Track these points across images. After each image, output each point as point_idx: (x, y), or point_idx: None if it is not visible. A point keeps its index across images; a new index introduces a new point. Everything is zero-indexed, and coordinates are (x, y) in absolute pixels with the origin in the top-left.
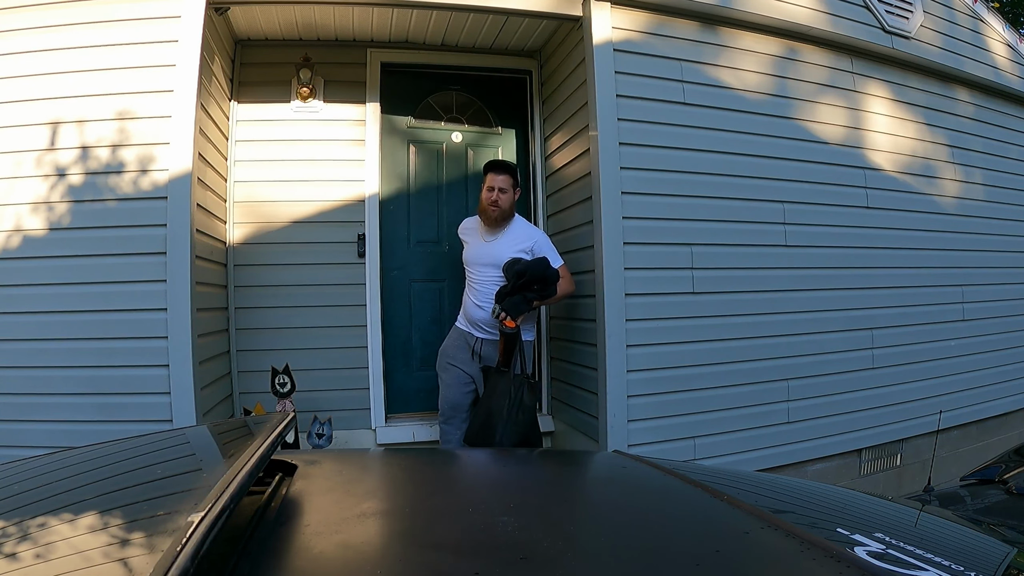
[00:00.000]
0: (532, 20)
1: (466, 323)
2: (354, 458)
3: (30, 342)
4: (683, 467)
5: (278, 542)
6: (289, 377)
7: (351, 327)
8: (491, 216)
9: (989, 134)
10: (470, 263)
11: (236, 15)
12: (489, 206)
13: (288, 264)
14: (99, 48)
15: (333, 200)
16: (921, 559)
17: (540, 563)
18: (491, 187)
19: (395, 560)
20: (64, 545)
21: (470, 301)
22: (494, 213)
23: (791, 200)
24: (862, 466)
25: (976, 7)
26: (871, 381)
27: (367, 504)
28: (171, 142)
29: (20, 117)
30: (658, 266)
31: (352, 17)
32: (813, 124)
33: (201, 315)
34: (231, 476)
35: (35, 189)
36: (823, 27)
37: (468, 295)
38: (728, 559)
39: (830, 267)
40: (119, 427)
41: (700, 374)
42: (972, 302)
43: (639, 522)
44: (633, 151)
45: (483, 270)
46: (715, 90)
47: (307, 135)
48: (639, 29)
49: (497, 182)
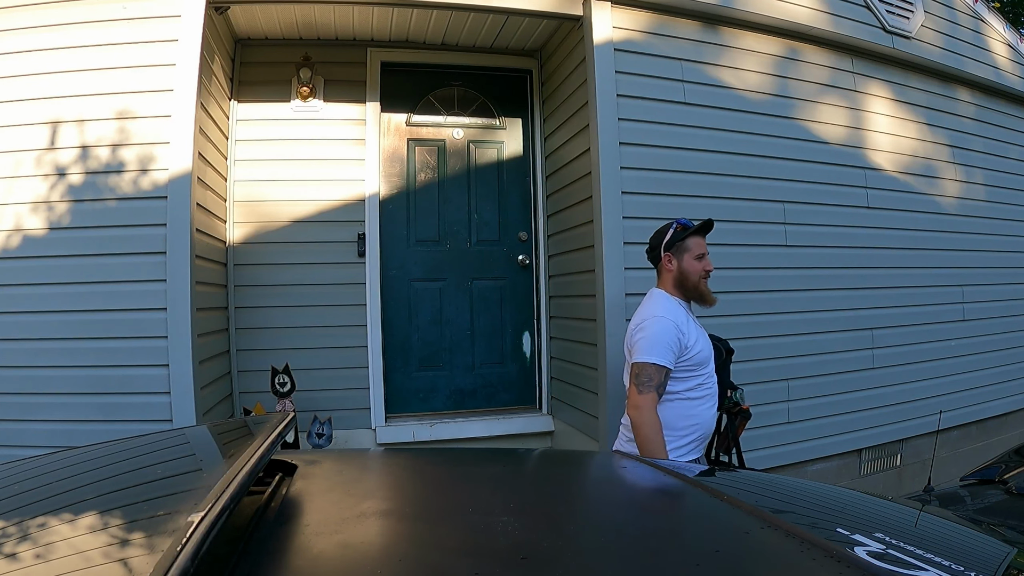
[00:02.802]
0: (532, 20)
1: (702, 443)
2: (354, 458)
3: (30, 342)
4: (683, 467)
5: (278, 542)
6: (289, 377)
7: (351, 327)
8: (707, 291)
9: (990, 134)
10: (707, 360)
11: (236, 14)
12: (705, 278)
13: (288, 263)
14: (99, 47)
15: (333, 199)
16: (921, 559)
17: (540, 563)
18: (702, 253)
19: (395, 560)
20: (64, 545)
21: (709, 413)
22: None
23: (792, 200)
24: (862, 466)
25: (977, 7)
26: (871, 381)
27: (367, 504)
28: (171, 141)
29: (20, 117)
30: None
31: (352, 16)
32: (814, 124)
33: (201, 315)
34: (231, 476)
35: (35, 189)
36: (824, 27)
37: (704, 406)
38: (728, 559)
39: (830, 267)
40: (119, 427)
41: None
42: (972, 302)
43: (639, 522)
44: (633, 151)
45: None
46: (716, 90)
47: (307, 134)
48: (640, 29)
49: (705, 246)
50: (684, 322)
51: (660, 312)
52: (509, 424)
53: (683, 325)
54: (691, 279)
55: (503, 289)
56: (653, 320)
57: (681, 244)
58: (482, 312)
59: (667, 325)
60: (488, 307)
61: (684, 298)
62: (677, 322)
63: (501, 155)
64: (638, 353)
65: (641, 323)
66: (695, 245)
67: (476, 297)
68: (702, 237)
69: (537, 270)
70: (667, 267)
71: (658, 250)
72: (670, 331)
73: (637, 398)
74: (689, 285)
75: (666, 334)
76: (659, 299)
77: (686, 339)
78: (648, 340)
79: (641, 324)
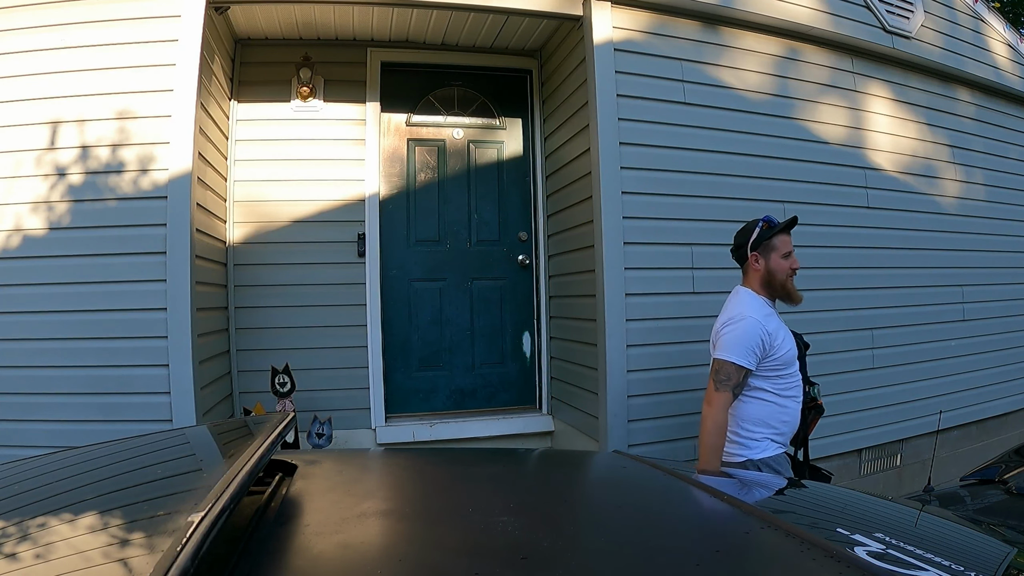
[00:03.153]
0: (532, 20)
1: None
2: (354, 458)
3: (30, 342)
4: (683, 467)
5: (278, 542)
6: (289, 377)
7: (351, 327)
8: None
9: (990, 134)
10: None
11: (236, 14)
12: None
13: (288, 263)
14: (99, 47)
15: (333, 199)
16: (921, 559)
17: (540, 563)
18: (789, 251)
19: (395, 560)
20: (64, 545)
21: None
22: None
23: (792, 200)
24: (862, 466)
25: (977, 7)
26: (871, 381)
27: (367, 504)
28: (171, 141)
29: (20, 117)
30: (658, 266)
31: (352, 16)
32: (814, 124)
33: (201, 315)
34: (231, 476)
35: (35, 189)
36: (824, 27)
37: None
38: (728, 559)
39: (830, 267)
40: (119, 427)
41: (700, 374)
42: (972, 302)
43: (639, 522)
44: (633, 151)
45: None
46: (716, 90)
47: (307, 134)
48: (640, 29)
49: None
50: (771, 323)
51: (749, 312)
52: (509, 424)
53: (770, 326)
54: (778, 278)
55: (503, 289)
56: (741, 320)
57: (768, 243)
58: (482, 312)
59: (754, 326)
60: (488, 307)
61: (769, 296)
62: (764, 323)
63: (501, 155)
64: (722, 349)
65: (729, 321)
66: (781, 243)
67: (476, 297)
68: (788, 234)
69: (537, 270)
70: (754, 266)
71: (744, 249)
72: (756, 332)
73: (712, 394)
74: (776, 284)
75: (751, 335)
76: (747, 298)
77: (772, 339)
78: (733, 338)
79: (729, 322)
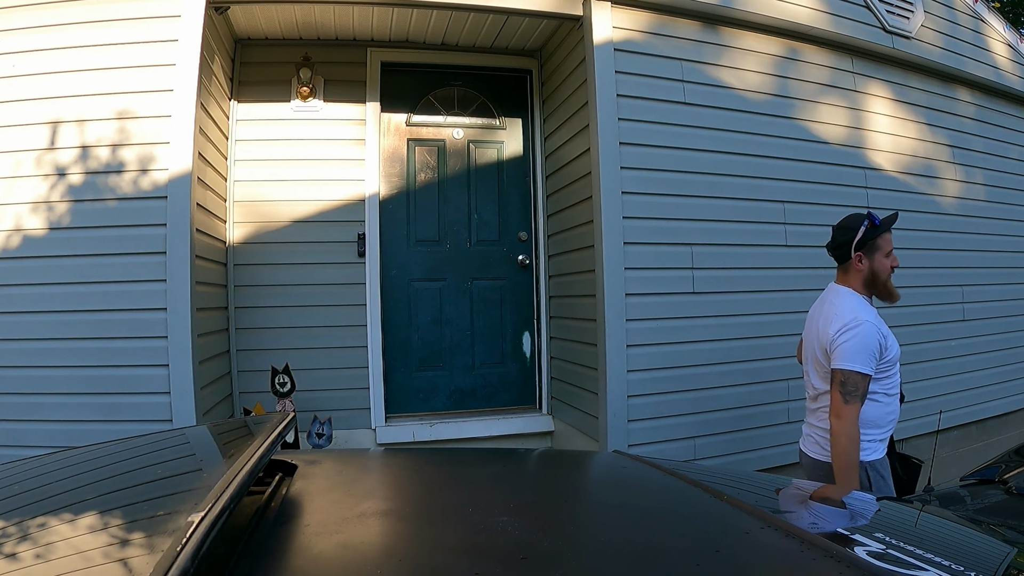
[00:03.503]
0: (532, 20)
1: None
2: (354, 458)
3: (30, 342)
4: (683, 467)
5: (278, 542)
6: (289, 377)
7: (351, 327)
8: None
9: (990, 134)
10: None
11: (236, 14)
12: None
13: (288, 263)
14: (99, 47)
15: (333, 199)
16: (921, 559)
17: (540, 563)
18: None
19: (395, 560)
20: (64, 545)
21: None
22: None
23: (792, 200)
24: None
25: (977, 7)
26: None
27: (367, 504)
28: (171, 141)
29: (20, 117)
30: (658, 266)
31: (352, 16)
32: (814, 124)
33: (201, 315)
34: (231, 476)
35: (35, 189)
36: (824, 27)
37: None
38: (728, 559)
39: (830, 267)
40: (119, 427)
41: (700, 374)
42: (972, 302)
43: (639, 522)
44: (633, 151)
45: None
46: (716, 90)
47: (307, 134)
48: (640, 29)
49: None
50: (882, 324)
51: (863, 315)
52: (509, 424)
53: (882, 327)
54: (881, 277)
55: (503, 289)
56: (858, 325)
57: (873, 243)
58: (482, 312)
59: (871, 330)
60: (488, 307)
61: (868, 295)
62: (878, 325)
63: (501, 155)
64: (843, 359)
65: (845, 327)
66: (884, 242)
67: (476, 297)
68: (889, 232)
69: (537, 270)
70: (857, 266)
71: (847, 248)
72: (874, 336)
73: (842, 408)
74: (879, 283)
75: (871, 340)
76: (854, 300)
77: (886, 341)
78: (854, 346)
79: (845, 328)
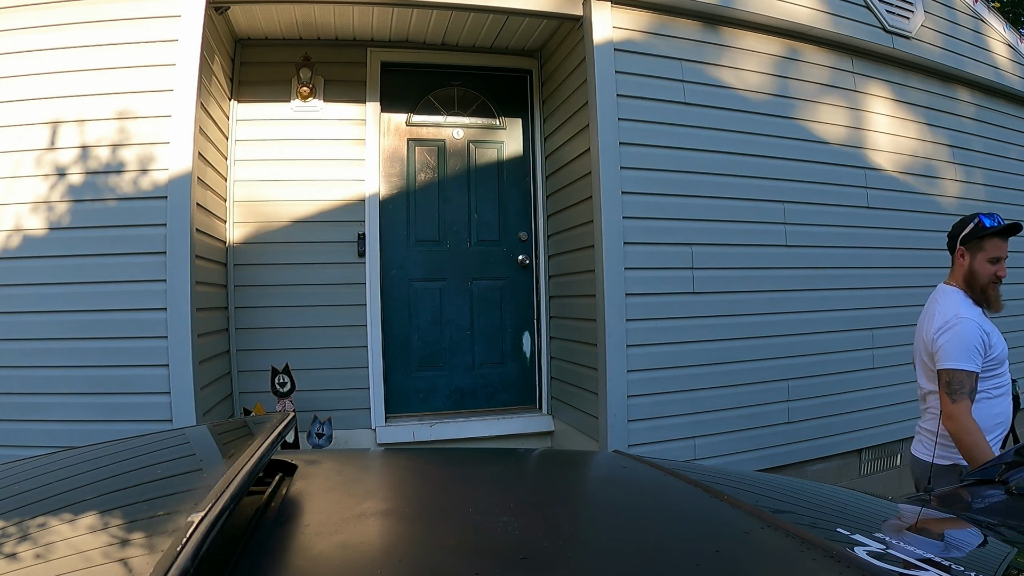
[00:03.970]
0: (532, 20)
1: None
2: (354, 458)
3: (30, 342)
4: (683, 467)
5: (278, 542)
6: (289, 377)
7: (351, 327)
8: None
9: (990, 134)
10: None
11: (236, 14)
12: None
13: (288, 263)
14: (99, 47)
15: (333, 199)
16: (921, 559)
17: (540, 563)
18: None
19: (395, 560)
20: (64, 545)
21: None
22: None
23: (792, 200)
24: (862, 466)
25: (977, 7)
26: (871, 381)
27: (367, 504)
28: (171, 141)
29: (20, 117)
30: (658, 266)
31: (352, 17)
32: (814, 124)
33: (201, 315)
34: (231, 476)
35: (35, 189)
36: (824, 27)
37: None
38: (728, 559)
39: (830, 267)
40: (119, 427)
41: (700, 374)
42: None
43: (639, 522)
44: (633, 151)
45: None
46: (716, 90)
47: (307, 134)
48: (640, 29)
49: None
50: (985, 321)
51: (964, 313)
52: (509, 424)
53: (985, 325)
54: (979, 281)
55: (503, 289)
56: (959, 322)
57: (978, 242)
58: (482, 312)
59: (972, 328)
60: (488, 307)
61: (974, 296)
62: (980, 323)
63: (501, 155)
64: (947, 359)
65: (944, 326)
66: (992, 247)
67: (476, 297)
68: (1004, 240)
69: (537, 270)
70: (959, 261)
71: (955, 241)
72: (976, 334)
73: (952, 407)
74: (976, 286)
75: (972, 337)
76: (955, 298)
77: (989, 339)
78: (956, 344)
79: (944, 327)
